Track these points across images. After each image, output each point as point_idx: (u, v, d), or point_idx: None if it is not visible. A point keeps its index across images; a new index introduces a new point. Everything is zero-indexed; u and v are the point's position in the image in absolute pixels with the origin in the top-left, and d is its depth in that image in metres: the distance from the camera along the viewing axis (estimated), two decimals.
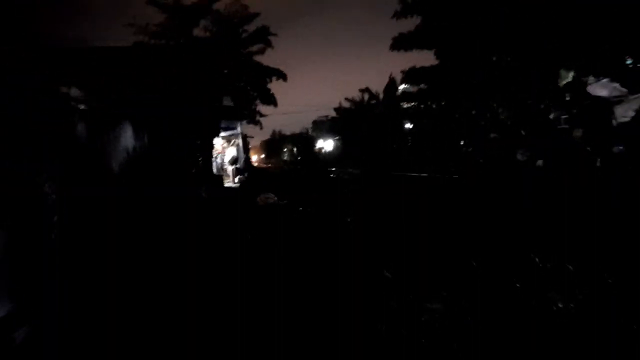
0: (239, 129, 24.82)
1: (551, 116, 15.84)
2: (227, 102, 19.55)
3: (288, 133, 65.05)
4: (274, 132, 70.66)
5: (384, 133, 26.95)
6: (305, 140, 53.81)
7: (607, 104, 12.14)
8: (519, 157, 16.34)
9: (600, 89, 12.66)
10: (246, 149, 31.14)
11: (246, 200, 12.93)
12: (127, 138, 8.60)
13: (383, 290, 4.58)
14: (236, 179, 23.77)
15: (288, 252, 6.54)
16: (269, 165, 57.83)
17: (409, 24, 19.75)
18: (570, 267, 4.91)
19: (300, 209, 11.18)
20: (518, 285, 4.53)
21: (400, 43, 20.07)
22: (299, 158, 50.93)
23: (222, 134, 21.55)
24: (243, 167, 25.23)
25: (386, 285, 4.79)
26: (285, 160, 60.67)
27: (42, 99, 5.64)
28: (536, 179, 14.54)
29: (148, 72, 13.26)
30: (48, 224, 4.91)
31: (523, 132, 16.68)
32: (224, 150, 25.28)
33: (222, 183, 20.47)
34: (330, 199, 13.42)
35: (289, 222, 9.46)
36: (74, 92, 5.76)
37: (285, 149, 64.80)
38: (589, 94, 12.94)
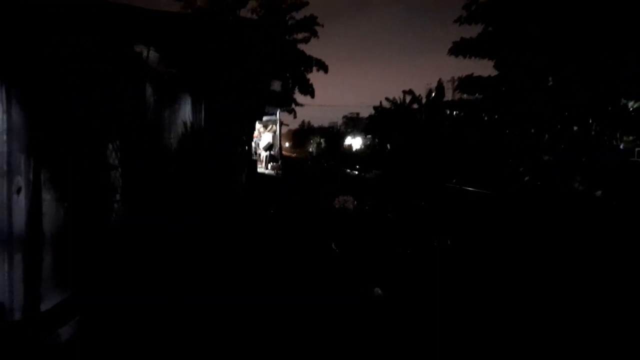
0: (277, 115, 24.18)
1: (616, 143, 14.80)
2: (275, 87, 18.85)
3: (316, 125, 64.42)
4: (303, 123, 70.09)
5: (424, 139, 25.97)
6: (334, 135, 52.87)
7: None
8: (576, 186, 15.31)
9: None
10: (279, 136, 30.53)
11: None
12: (186, 111, 7.98)
13: None
14: (269, 166, 23.16)
15: None
16: (295, 154, 57.11)
17: (455, 31, 18.80)
18: None
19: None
20: None
21: (461, 48, 19.13)
22: (327, 151, 49.90)
23: (264, 118, 20.94)
24: (277, 154, 24.60)
25: None
26: (310, 152, 59.74)
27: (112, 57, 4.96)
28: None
29: (202, 44, 12.60)
30: None
31: (583, 159, 15.62)
32: (259, 134, 24.68)
33: (256, 168, 19.90)
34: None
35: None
36: (153, 55, 5.07)
37: (312, 141, 63.89)
38: None
